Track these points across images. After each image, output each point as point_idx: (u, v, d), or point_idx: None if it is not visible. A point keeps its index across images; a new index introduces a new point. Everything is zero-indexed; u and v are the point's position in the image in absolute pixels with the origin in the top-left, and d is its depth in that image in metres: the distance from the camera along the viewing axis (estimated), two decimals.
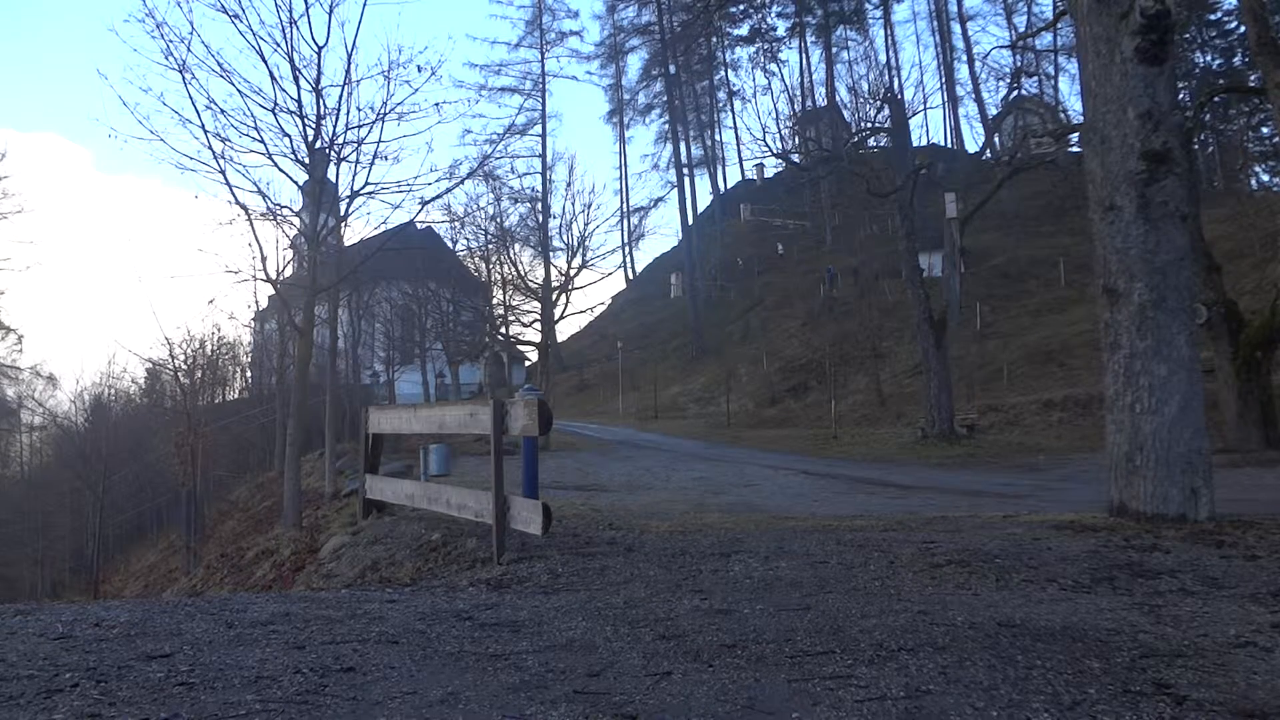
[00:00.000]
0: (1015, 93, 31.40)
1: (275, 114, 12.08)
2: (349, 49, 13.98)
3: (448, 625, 3.54)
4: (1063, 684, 2.56)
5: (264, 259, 13.49)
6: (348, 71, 12.40)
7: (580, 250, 23.74)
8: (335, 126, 12.46)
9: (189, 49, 11.59)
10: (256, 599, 4.63)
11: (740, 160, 61.36)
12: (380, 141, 12.78)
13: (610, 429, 27.93)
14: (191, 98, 12.69)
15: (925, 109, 77.15)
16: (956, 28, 50.75)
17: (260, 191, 17.62)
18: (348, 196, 13.23)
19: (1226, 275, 15.31)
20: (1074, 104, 38.57)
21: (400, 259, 24.26)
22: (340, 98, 13.06)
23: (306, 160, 12.53)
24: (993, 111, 41.44)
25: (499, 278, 28.57)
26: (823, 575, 4.63)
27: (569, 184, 47.44)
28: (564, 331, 40.42)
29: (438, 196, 27.68)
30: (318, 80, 12.08)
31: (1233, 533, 5.37)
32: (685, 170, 47.93)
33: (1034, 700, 2.42)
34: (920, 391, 21.62)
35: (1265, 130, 33.33)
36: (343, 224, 15.11)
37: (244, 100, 14.13)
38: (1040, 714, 2.31)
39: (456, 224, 25.41)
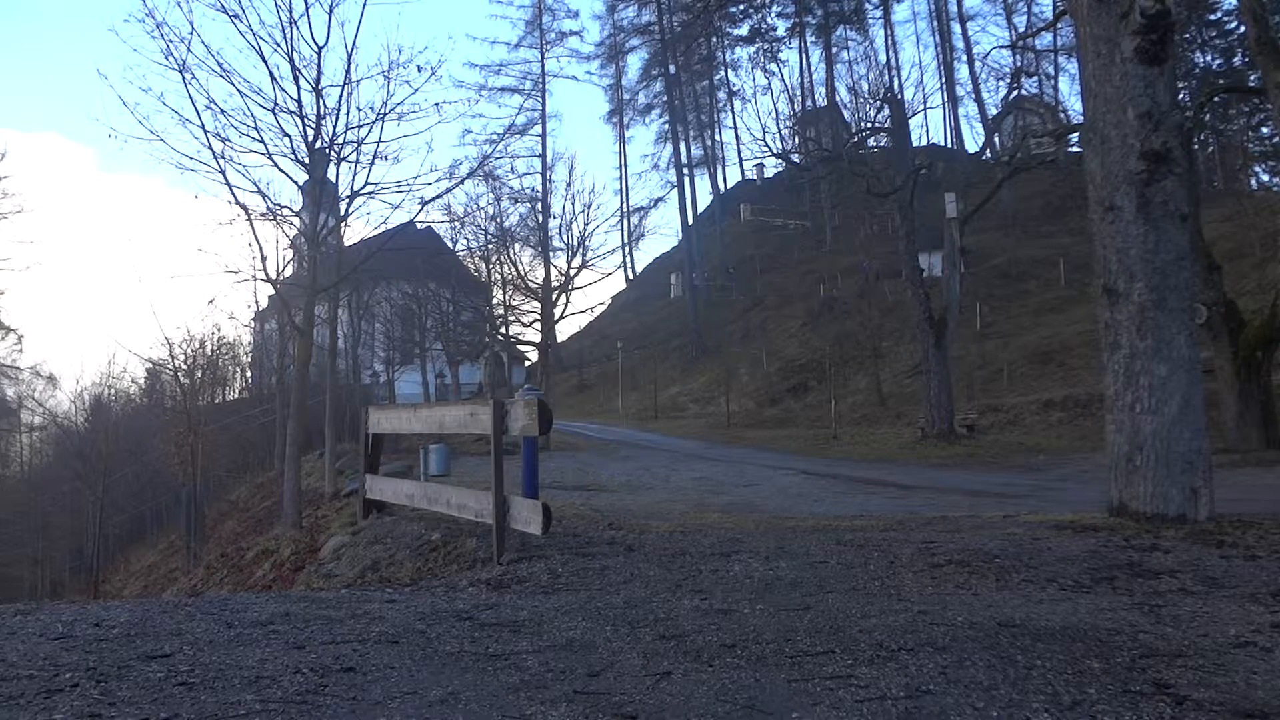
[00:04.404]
0: (1015, 93, 31.43)
1: (275, 114, 12.06)
2: (349, 49, 13.95)
3: (448, 625, 3.54)
4: (1063, 684, 2.56)
5: (264, 259, 13.47)
6: (348, 71, 12.37)
7: (580, 250, 23.75)
8: (335, 126, 12.45)
9: (189, 49, 11.55)
10: (256, 599, 4.63)
11: (740, 160, 61.41)
12: (380, 141, 12.74)
13: (610, 429, 27.92)
14: (191, 98, 12.64)
15: (925, 109, 77.10)
16: (956, 28, 50.74)
17: (260, 191, 17.58)
18: (348, 196, 13.21)
19: (1226, 275, 15.31)
20: (1074, 104, 38.57)
21: (400, 259, 24.25)
22: (340, 98, 13.00)
23: (306, 160, 12.51)
24: (993, 111, 41.50)
25: (499, 278, 28.58)
26: (823, 575, 4.63)
27: (569, 184, 47.26)
28: (564, 331, 40.47)
29: (438, 196, 27.69)
30: (318, 80, 12.07)
31: (1233, 533, 5.38)
32: (685, 170, 47.97)
33: (1034, 700, 2.42)
34: (920, 391, 21.61)
35: (1265, 130, 33.34)
36: (343, 224, 15.09)
37: (244, 100, 14.09)
38: (1040, 714, 2.31)
39: (456, 224, 25.41)
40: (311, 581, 6.96)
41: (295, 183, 15.51)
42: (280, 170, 13.56)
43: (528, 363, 39.93)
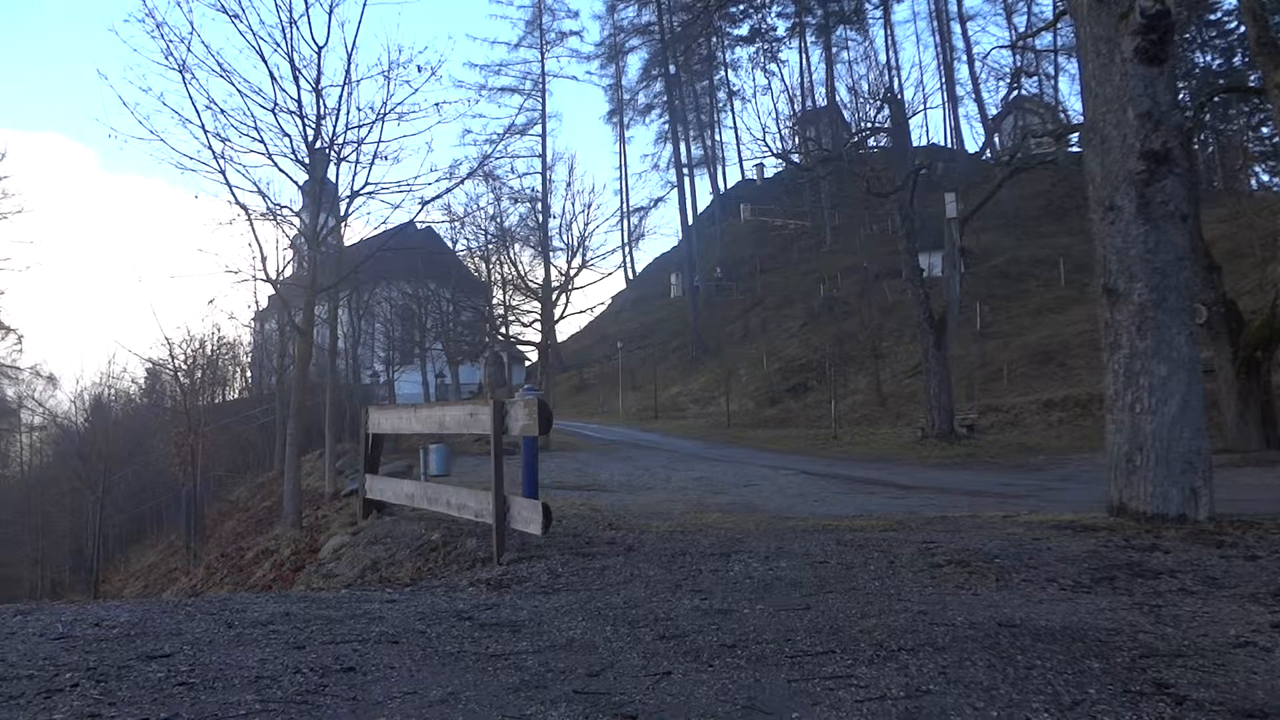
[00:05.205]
0: (1015, 93, 31.42)
1: (275, 114, 12.06)
2: (349, 49, 13.95)
3: (448, 625, 3.54)
4: (1063, 684, 2.56)
5: (264, 259, 13.49)
6: (348, 71, 12.38)
7: (580, 250, 23.72)
8: (335, 126, 12.45)
9: (189, 49, 11.56)
10: (256, 599, 4.64)
11: (740, 160, 61.44)
12: (380, 141, 12.75)
13: (610, 429, 27.92)
14: (191, 98, 12.67)
15: (925, 109, 77.29)
16: (956, 28, 50.76)
17: (260, 191, 17.64)
18: (348, 196, 13.21)
19: (1226, 275, 15.30)
20: (1074, 104, 38.60)
21: (400, 259, 24.25)
22: (340, 98, 13.02)
23: (306, 160, 12.51)
24: (993, 111, 41.54)
25: (499, 278, 28.57)
26: (823, 575, 4.63)
27: (569, 184, 47.32)
28: (564, 331, 40.45)
29: (438, 196, 27.64)
30: (318, 80, 12.07)
31: (1233, 533, 5.38)
32: (685, 170, 47.95)
33: (1034, 700, 2.42)
34: (920, 391, 21.61)
35: (1265, 130, 33.36)
36: (343, 224, 15.09)
37: (244, 100, 14.15)
38: (1040, 714, 2.31)
39: (456, 224, 25.41)
40: (311, 581, 6.96)
41: (295, 183, 15.53)
42: (280, 170, 13.62)
43: (528, 363, 39.92)
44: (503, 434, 5.63)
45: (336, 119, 12.42)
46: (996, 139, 35.84)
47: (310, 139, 12.30)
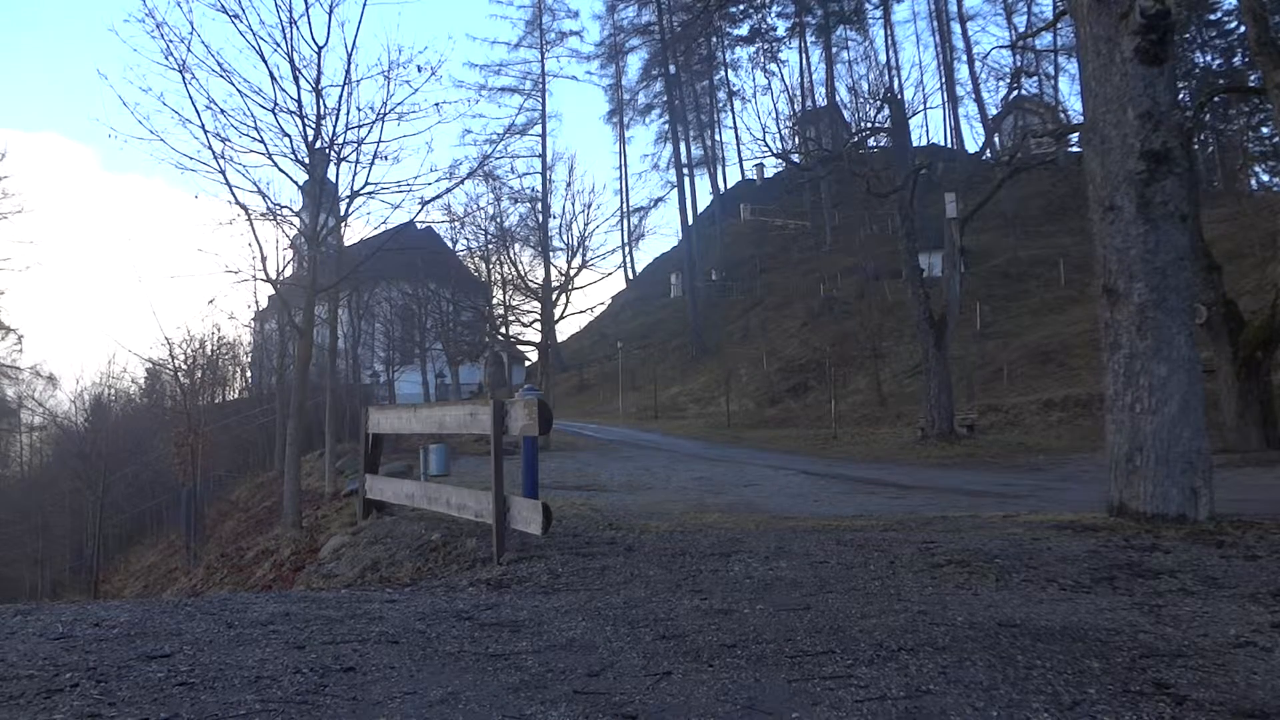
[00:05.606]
0: (1015, 93, 31.45)
1: (275, 114, 12.03)
2: (349, 49, 13.90)
3: (448, 625, 3.54)
4: (1063, 684, 2.56)
5: (264, 259, 13.44)
6: (348, 71, 12.33)
7: (580, 250, 23.73)
8: (335, 126, 12.42)
9: (189, 49, 11.51)
10: (256, 599, 4.64)
11: (740, 160, 61.51)
12: (380, 141, 12.69)
13: (610, 429, 27.93)
14: (191, 98, 12.60)
15: (925, 109, 77.42)
16: (956, 28, 50.87)
17: (260, 191, 17.56)
18: (348, 196, 13.18)
19: (1226, 275, 15.29)
20: (1074, 104, 38.67)
21: (400, 259, 24.23)
22: (340, 98, 12.95)
23: (306, 160, 12.49)
24: (993, 111, 41.62)
25: (499, 278, 28.57)
26: (823, 575, 4.63)
27: (569, 184, 47.27)
28: (564, 331, 40.45)
29: (438, 196, 27.61)
30: (318, 80, 12.04)
31: (1233, 533, 5.38)
32: (685, 170, 48.05)
33: (1034, 700, 2.42)
34: (920, 391, 21.61)
35: (1265, 130, 33.38)
36: (343, 224, 15.08)
37: (244, 100, 14.04)
38: (1040, 714, 2.31)
39: (456, 224, 25.40)
40: (311, 581, 6.95)
41: (295, 183, 15.53)
42: (280, 170, 13.56)
43: (528, 363, 39.95)
44: (503, 434, 5.62)
45: (336, 119, 12.40)
46: (996, 139, 35.88)
47: (310, 139, 12.29)
